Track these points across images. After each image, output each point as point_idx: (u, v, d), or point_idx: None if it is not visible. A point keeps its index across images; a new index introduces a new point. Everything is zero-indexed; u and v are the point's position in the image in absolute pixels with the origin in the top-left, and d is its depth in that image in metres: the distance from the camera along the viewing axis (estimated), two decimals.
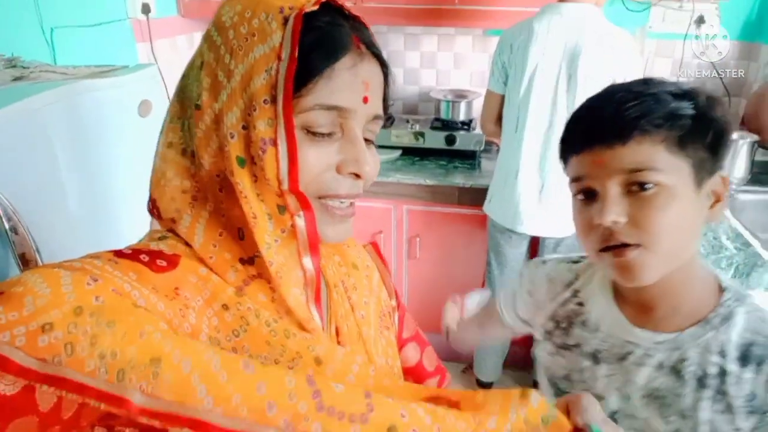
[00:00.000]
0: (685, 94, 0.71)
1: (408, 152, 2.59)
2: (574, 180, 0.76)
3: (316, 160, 0.54)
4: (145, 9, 2.21)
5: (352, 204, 0.59)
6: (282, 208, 0.53)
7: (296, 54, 0.50)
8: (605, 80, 1.76)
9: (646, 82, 0.73)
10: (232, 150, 0.52)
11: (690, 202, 0.71)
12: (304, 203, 0.53)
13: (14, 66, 1.31)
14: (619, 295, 0.83)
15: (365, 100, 0.56)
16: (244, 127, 0.51)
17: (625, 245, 0.70)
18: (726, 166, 0.76)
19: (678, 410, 0.75)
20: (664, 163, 0.68)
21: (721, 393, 0.73)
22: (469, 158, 2.56)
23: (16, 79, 1.13)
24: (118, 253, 0.51)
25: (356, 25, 0.56)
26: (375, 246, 0.80)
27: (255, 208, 0.53)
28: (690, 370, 0.75)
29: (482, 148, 2.50)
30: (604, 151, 0.70)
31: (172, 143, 0.57)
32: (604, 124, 0.71)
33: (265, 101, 0.50)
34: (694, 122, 0.69)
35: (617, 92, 0.72)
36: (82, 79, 1.14)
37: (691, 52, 2.51)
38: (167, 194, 0.56)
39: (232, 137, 0.52)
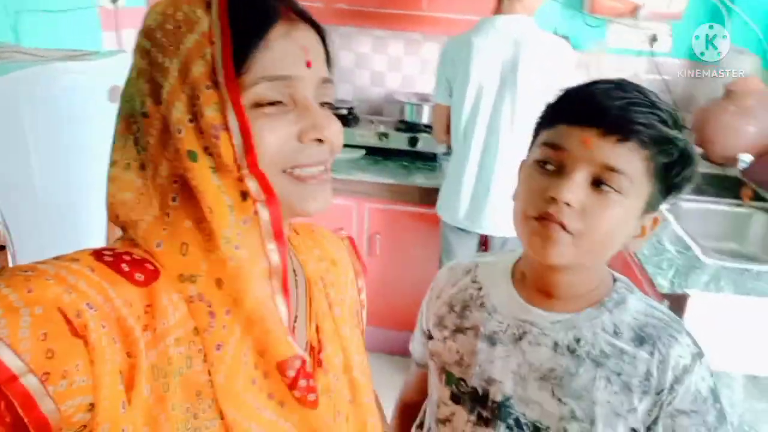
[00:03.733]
0: (681, 126, 0.71)
1: (371, 152, 2.63)
2: (548, 145, 0.73)
3: (274, 135, 0.52)
4: None
5: (326, 170, 0.57)
6: (245, 195, 0.52)
7: (228, 33, 0.49)
8: (544, 88, 1.88)
9: (656, 96, 0.72)
10: (182, 145, 0.51)
11: (630, 222, 0.72)
12: (265, 186, 0.52)
13: None
14: (518, 280, 0.84)
15: (308, 64, 0.54)
16: (190, 120, 0.50)
17: (561, 226, 0.70)
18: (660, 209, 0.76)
19: (573, 391, 0.76)
20: (636, 179, 0.69)
21: (617, 373, 0.75)
22: (430, 160, 2.62)
23: None
24: (99, 257, 0.50)
25: None
26: (351, 241, 0.80)
27: (212, 201, 0.51)
28: (585, 350, 0.76)
29: (444, 151, 2.57)
30: (596, 137, 0.69)
31: (116, 161, 0.55)
32: (611, 112, 0.69)
33: (207, 87, 0.50)
34: (678, 157, 0.70)
35: (632, 89, 0.71)
36: (54, 62, 1.15)
37: (644, 68, 2.64)
38: (110, 205, 0.56)
39: (179, 132, 0.51)
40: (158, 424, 0.48)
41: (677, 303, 1.57)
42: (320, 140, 0.55)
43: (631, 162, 0.69)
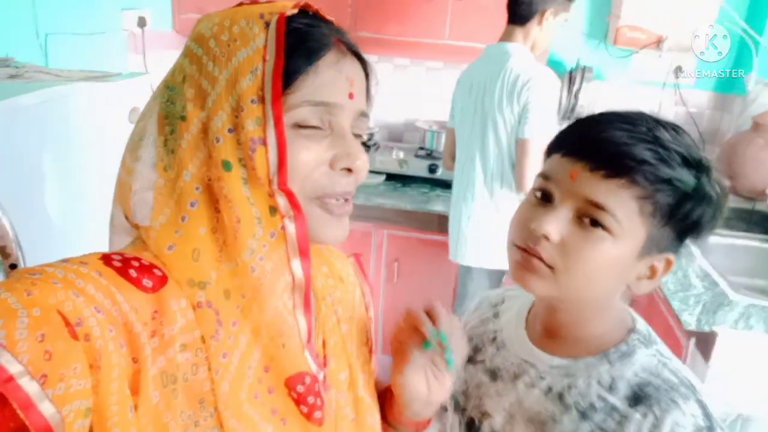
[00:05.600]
0: (697, 165, 0.65)
1: (391, 178, 2.62)
2: (542, 175, 0.71)
3: (308, 157, 0.54)
4: (141, 22, 2.24)
5: (347, 201, 0.59)
6: (273, 210, 0.53)
7: (282, 53, 0.51)
8: (511, 119, 1.85)
9: (676, 131, 0.67)
10: (218, 154, 0.52)
11: (623, 263, 0.67)
12: (294, 203, 0.53)
13: (8, 66, 1.32)
14: (531, 318, 0.82)
15: (351, 96, 0.56)
16: (230, 130, 0.52)
17: (540, 258, 0.68)
18: (676, 250, 0.71)
19: None
20: (626, 219, 0.64)
21: (602, 429, 0.69)
22: (450, 187, 2.59)
23: (11, 77, 1.15)
24: (108, 261, 0.50)
25: (334, 27, 0.58)
26: (357, 259, 0.80)
27: (241, 211, 0.52)
28: (574, 399, 0.72)
29: None
30: (584, 170, 0.66)
31: (141, 157, 0.55)
32: (602, 145, 0.65)
33: (252, 101, 0.51)
34: (684, 199, 0.64)
35: (641, 123, 0.66)
36: (75, 82, 1.16)
37: (669, 100, 2.60)
38: (132, 204, 0.55)
39: (217, 141, 0.52)
40: (168, 430, 0.49)
41: (705, 341, 1.51)
42: (350, 170, 0.57)
43: (619, 200, 0.64)
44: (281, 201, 0.53)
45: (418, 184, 2.61)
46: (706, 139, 2.60)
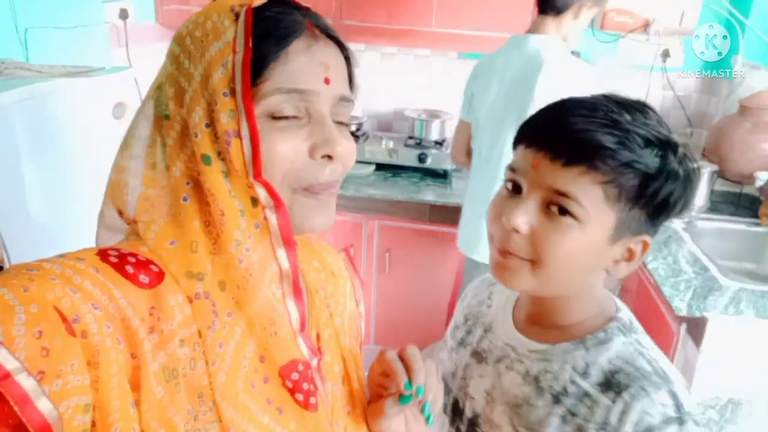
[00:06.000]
0: (661, 145, 0.65)
1: (381, 168, 2.61)
2: (510, 168, 0.72)
3: (284, 149, 0.53)
4: (123, 14, 2.20)
5: (334, 188, 0.58)
6: (255, 201, 0.53)
7: (250, 43, 0.51)
8: None
9: (641, 112, 0.67)
10: (197, 149, 0.52)
11: (596, 248, 0.68)
12: (273, 194, 0.53)
13: None
14: (519, 303, 0.83)
15: (327, 81, 0.55)
16: (207, 125, 0.52)
17: (512, 254, 0.68)
18: (653, 232, 0.71)
19: (528, 422, 0.73)
20: (592, 205, 0.65)
21: (572, 413, 0.70)
22: (440, 176, 2.59)
23: None
24: (104, 257, 0.51)
25: (308, 12, 0.57)
26: (347, 253, 0.80)
27: (224, 204, 0.52)
28: (549, 383, 0.73)
29: (454, 167, 2.54)
30: (545, 159, 0.66)
31: (137, 156, 0.56)
32: (560, 134, 0.66)
33: (224, 94, 0.51)
34: (648, 180, 0.65)
35: (600, 109, 0.66)
36: (57, 78, 1.14)
37: (656, 84, 2.60)
38: (128, 201, 0.56)
39: (196, 136, 0.52)
40: (173, 424, 0.49)
41: (696, 327, 1.53)
42: (331, 157, 0.55)
43: (582, 187, 0.64)
44: (261, 192, 0.53)
45: (408, 173, 2.61)
46: (694, 122, 2.61)
